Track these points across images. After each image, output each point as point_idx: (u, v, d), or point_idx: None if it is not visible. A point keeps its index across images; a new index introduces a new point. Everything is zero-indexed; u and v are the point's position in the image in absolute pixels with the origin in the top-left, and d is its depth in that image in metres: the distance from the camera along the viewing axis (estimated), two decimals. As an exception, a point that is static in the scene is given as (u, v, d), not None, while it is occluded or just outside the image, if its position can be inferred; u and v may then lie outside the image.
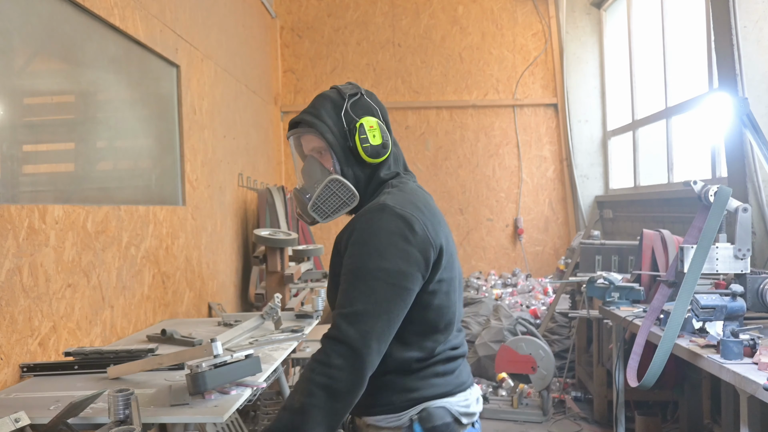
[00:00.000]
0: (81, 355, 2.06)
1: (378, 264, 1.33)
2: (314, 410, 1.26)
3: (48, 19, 2.33)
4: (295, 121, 1.55)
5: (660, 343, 2.21)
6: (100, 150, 2.78)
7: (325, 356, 1.29)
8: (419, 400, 1.41)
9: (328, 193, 1.47)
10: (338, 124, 1.49)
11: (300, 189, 1.55)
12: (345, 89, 1.53)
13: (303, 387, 1.28)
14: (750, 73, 3.08)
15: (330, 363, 1.28)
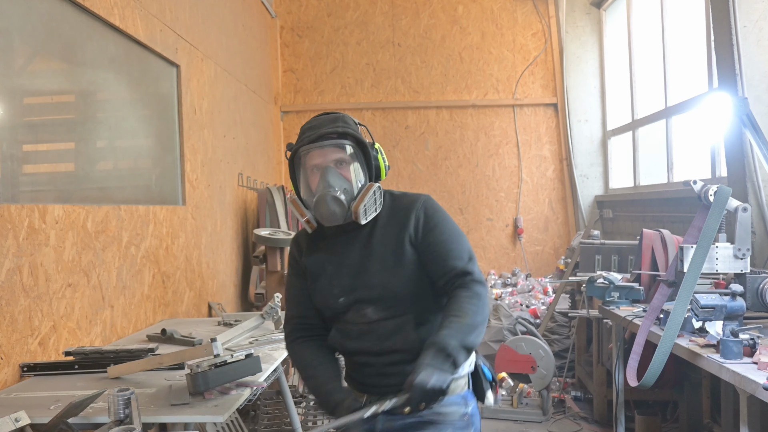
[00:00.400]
0: (81, 354, 2.06)
1: (457, 227, 1.77)
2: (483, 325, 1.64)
3: (48, 18, 2.33)
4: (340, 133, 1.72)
5: (660, 342, 2.21)
6: (100, 150, 2.78)
7: (483, 287, 1.67)
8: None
9: (372, 198, 1.72)
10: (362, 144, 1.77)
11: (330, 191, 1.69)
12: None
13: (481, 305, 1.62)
14: (750, 72, 3.08)
15: (485, 293, 1.67)
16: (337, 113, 1.80)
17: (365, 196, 1.69)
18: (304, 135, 1.75)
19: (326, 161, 1.71)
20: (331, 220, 1.70)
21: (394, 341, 1.70)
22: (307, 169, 1.76)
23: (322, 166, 1.72)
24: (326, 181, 1.69)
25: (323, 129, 1.72)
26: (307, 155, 1.73)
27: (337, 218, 1.69)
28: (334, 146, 1.72)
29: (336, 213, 1.68)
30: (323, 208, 1.68)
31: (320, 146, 1.71)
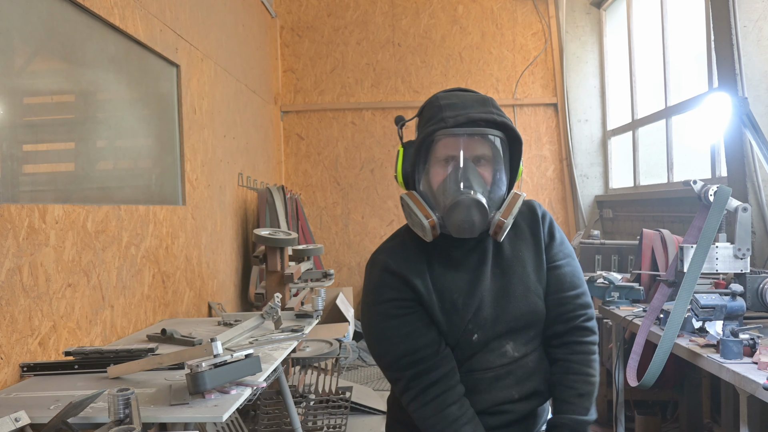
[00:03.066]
0: (81, 354, 2.06)
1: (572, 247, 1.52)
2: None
3: (48, 18, 2.33)
4: (497, 122, 1.35)
5: (660, 342, 2.21)
6: (100, 150, 2.78)
7: (597, 334, 1.46)
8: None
9: (517, 212, 1.37)
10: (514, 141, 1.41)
11: (471, 194, 1.31)
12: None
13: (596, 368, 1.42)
14: (750, 72, 3.08)
15: (598, 337, 1.47)
16: (484, 95, 1.40)
17: (512, 208, 1.35)
18: (445, 114, 1.35)
19: (468, 154, 1.34)
20: (465, 231, 1.32)
21: (536, 382, 1.39)
22: (435, 157, 1.37)
23: (458, 159, 1.34)
24: (466, 179, 1.32)
25: (473, 112, 1.34)
26: (442, 140, 1.35)
27: (473, 229, 1.32)
28: (484, 137, 1.35)
29: (475, 224, 1.31)
30: (460, 215, 1.30)
31: (468, 133, 1.33)
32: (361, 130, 6.29)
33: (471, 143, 1.35)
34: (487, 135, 1.35)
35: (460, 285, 1.38)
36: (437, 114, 1.36)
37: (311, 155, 6.33)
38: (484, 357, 1.37)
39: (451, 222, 1.32)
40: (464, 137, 1.34)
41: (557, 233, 1.48)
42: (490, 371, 1.37)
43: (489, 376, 1.37)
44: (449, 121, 1.33)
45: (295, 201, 5.29)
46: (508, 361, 1.37)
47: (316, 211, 6.29)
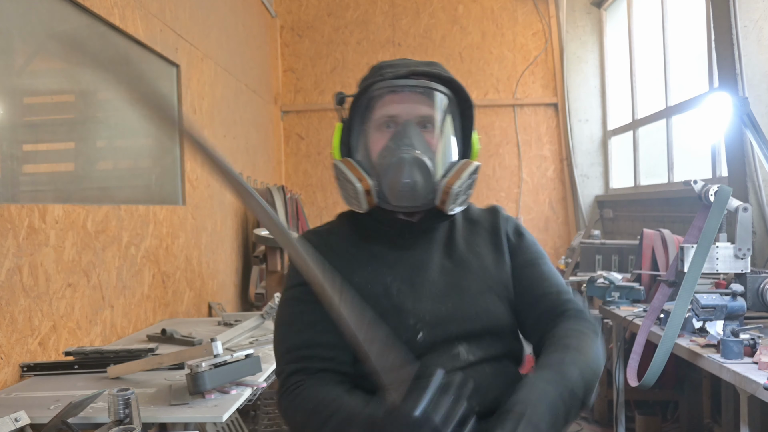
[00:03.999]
0: (81, 354, 2.06)
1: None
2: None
3: (48, 18, 2.33)
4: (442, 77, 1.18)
5: (660, 342, 2.21)
6: (100, 149, 2.78)
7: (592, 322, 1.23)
8: None
9: (468, 181, 1.17)
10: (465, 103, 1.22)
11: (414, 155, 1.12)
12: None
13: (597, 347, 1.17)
14: (750, 72, 3.08)
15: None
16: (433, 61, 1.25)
17: (462, 173, 1.16)
18: (383, 70, 1.21)
19: (409, 113, 1.17)
20: (404, 194, 1.12)
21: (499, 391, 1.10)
22: (374, 121, 1.20)
23: (400, 120, 1.17)
24: (407, 139, 1.14)
25: (413, 66, 1.19)
26: (380, 100, 1.19)
27: (416, 193, 1.12)
28: (427, 93, 1.17)
29: (416, 186, 1.12)
30: (398, 175, 1.11)
31: (406, 88, 1.16)
32: (361, 130, 6.29)
33: (414, 101, 1.17)
34: (431, 89, 1.16)
35: (400, 274, 1.17)
36: (375, 72, 1.22)
37: (311, 155, 6.33)
38: (434, 359, 1.11)
39: (387, 184, 1.13)
40: (406, 92, 1.16)
41: (526, 233, 1.30)
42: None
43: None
44: (387, 74, 1.17)
45: (295, 201, 5.29)
46: (462, 364, 1.12)
47: (316, 211, 6.29)
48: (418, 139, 1.14)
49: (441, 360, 1.12)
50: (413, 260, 1.18)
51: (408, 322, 1.13)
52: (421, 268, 1.18)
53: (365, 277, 1.17)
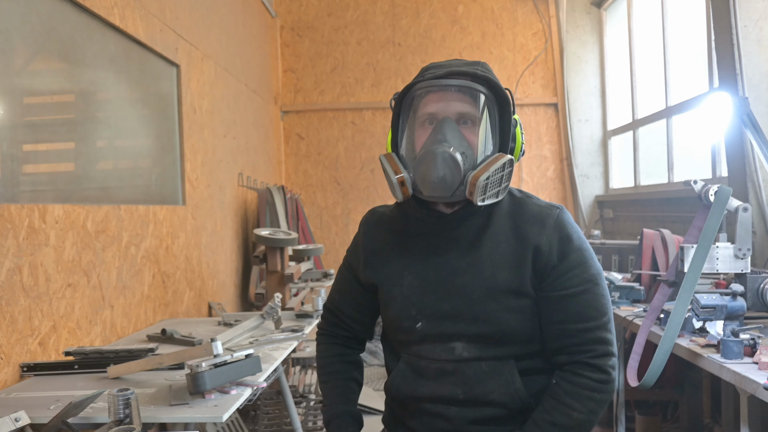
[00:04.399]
0: (81, 354, 2.06)
1: (597, 264, 1.33)
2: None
3: (48, 18, 2.33)
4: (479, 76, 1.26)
5: (660, 342, 2.21)
6: (100, 149, 2.78)
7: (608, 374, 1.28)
8: None
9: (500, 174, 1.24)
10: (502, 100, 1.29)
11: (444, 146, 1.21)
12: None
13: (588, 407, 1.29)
14: (750, 72, 3.08)
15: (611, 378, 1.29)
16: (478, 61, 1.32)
17: (491, 166, 1.22)
18: (427, 71, 1.30)
19: (447, 111, 1.25)
20: (436, 186, 1.21)
21: (490, 388, 1.25)
22: (418, 119, 1.29)
23: (438, 117, 1.25)
24: (442, 134, 1.22)
25: (455, 67, 1.27)
26: (423, 98, 1.28)
27: (445, 186, 1.21)
28: (464, 92, 1.25)
29: (446, 179, 1.20)
30: (428, 169, 1.20)
31: (444, 86, 1.24)
32: (361, 130, 6.29)
33: (450, 98, 1.25)
34: (467, 87, 1.24)
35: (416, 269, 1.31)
36: (421, 73, 1.32)
37: (311, 155, 6.33)
38: (431, 347, 1.29)
39: (420, 175, 1.23)
40: (445, 91, 1.25)
41: (574, 253, 1.26)
42: (435, 362, 1.28)
43: (434, 367, 1.29)
44: (428, 75, 1.28)
45: (295, 201, 5.29)
46: (456, 358, 1.26)
47: (316, 211, 6.29)
48: (454, 134, 1.23)
49: (436, 351, 1.29)
50: (432, 258, 1.30)
51: (410, 312, 1.31)
52: (437, 268, 1.29)
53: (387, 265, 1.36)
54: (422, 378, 1.30)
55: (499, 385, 1.25)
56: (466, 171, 1.23)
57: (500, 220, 1.30)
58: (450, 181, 1.21)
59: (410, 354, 1.32)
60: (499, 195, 1.26)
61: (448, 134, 1.22)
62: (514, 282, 1.25)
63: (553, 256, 1.26)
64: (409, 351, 1.33)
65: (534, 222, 1.28)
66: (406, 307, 1.31)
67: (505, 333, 1.23)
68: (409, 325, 1.30)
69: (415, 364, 1.31)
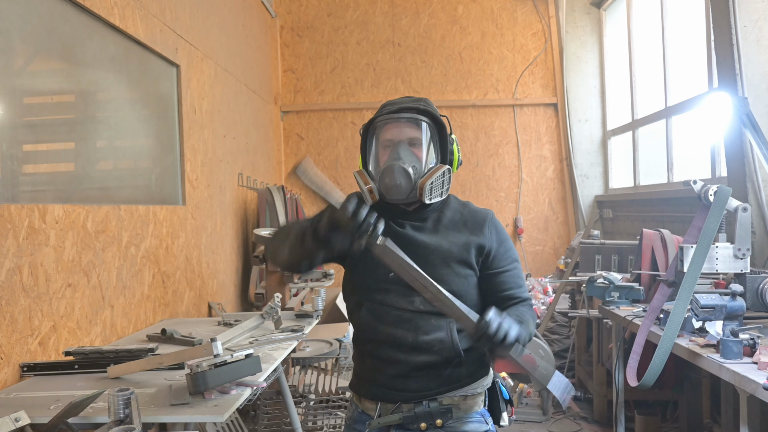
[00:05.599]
0: (81, 354, 2.06)
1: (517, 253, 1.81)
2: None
3: (48, 18, 2.33)
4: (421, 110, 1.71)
5: (660, 342, 2.21)
6: (100, 150, 2.78)
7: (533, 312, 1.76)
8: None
9: (440, 179, 1.69)
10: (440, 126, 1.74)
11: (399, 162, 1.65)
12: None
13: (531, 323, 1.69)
14: (750, 72, 3.08)
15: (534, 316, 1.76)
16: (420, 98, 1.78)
17: (433, 174, 1.66)
18: (384, 108, 1.74)
19: (400, 136, 1.69)
20: (395, 192, 1.64)
21: (433, 338, 1.63)
22: (380, 143, 1.72)
23: (395, 141, 1.69)
24: (397, 154, 1.66)
25: (404, 104, 1.72)
26: (383, 128, 1.71)
27: (401, 191, 1.64)
28: (411, 122, 1.70)
29: (401, 185, 1.63)
30: (389, 179, 1.64)
31: (397, 119, 1.69)
32: (361, 130, 6.29)
33: (402, 127, 1.69)
34: (413, 119, 1.69)
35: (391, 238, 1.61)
36: (379, 110, 1.76)
37: (311, 155, 6.33)
38: (394, 297, 1.65)
39: (382, 186, 1.66)
40: (397, 122, 1.69)
41: (507, 240, 1.74)
42: (394, 310, 1.64)
43: (394, 313, 1.64)
44: (384, 111, 1.72)
45: (295, 201, 5.29)
46: (413, 309, 1.63)
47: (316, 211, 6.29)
48: (406, 153, 1.67)
49: (400, 300, 1.64)
50: (401, 235, 1.69)
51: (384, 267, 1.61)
52: (407, 240, 1.67)
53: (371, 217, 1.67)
54: (380, 322, 1.65)
55: (439, 336, 1.63)
56: (416, 179, 1.66)
57: (451, 215, 1.74)
58: (405, 187, 1.64)
59: (374, 301, 1.67)
60: (443, 195, 1.70)
61: (402, 153, 1.66)
62: (462, 255, 1.68)
63: (494, 243, 1.72)
64: (373, 299, 1.67)
65: (478, 217, 1.75)
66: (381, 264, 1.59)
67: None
68: (382, 276, 1.64)
69: (377, 311, 1.66)
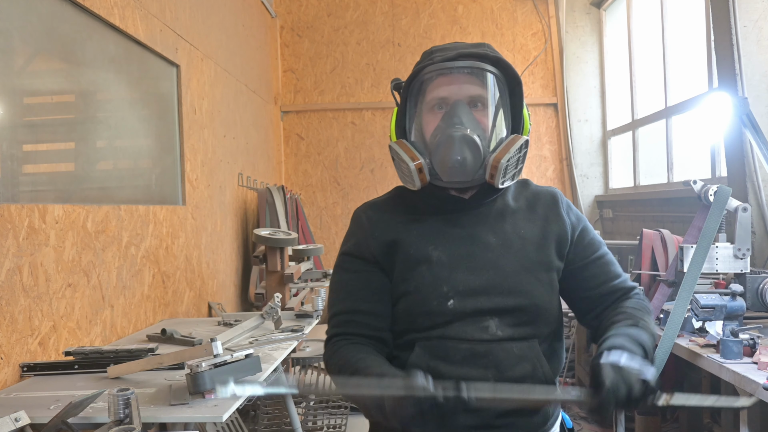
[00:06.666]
0: (81, 354, 2.06)
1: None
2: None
3: (48, 18, 2.33)
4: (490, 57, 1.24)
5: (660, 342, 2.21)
6: (100, 149, 2.78)
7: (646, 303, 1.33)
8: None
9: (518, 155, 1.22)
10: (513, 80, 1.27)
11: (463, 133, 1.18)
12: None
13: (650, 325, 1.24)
14: (750, 72, 3.08)
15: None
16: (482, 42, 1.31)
17: (510, 148, 1.21)
18: (433, 55, 1.30)
19: (459, 94, 1.23)
20: (456, 171, 1.18)
21: (522, 372, 1.18)
22: (426, 103, 1.26)
23: (450, 101, 1.23)
24: (457, 118, 1.19)
25: (463, 49, 1.25)
26: (432, 82, 1.26)
27: (466, 170, 1.19)
28: (475, 73, 1.23)
29: (466, 161, 1.17)
30: (448, 152, 1.17)
31: (455, 69, 1.22)
32: (361, 130, 6.29)
33: (463, 82, 1.23)
34: (478, 69, 1.22)
35: (443, 246, 1.23)
36: (426, 57, 1.30)
37: (311, 155, 6.33)
38: (462, 327, 1.19)
39: (438, 160, 1.19)
40: (455, 74, 1.23)
41: (584, 224, 1.33)
42: (465, 343, 1.18)
43: (463, 347, 1.18)
44: (437, 58, 1.26)
45: (295, 201, 5.29)
46: (489, 338, 1.18)
47: (316, 211, 6.29)
48: (468, 117, 1.20)
49: (469, 329, 1.19)
50: (458, 234, 1.24)
51: (441, 290, 1.20)
52: (464, 242, 1.24)
53: (412, 248, 1.25)
54: (445, 362, 1.18)
55: (528, 369, 1.19)
56: (485, 153, 1.20)
57: (514, 201, 1.31)
58: (471, 164, 1.18)
59: (431, 339, 1.20)
60: (515, 177, 1.25)
61: (464, 117, 1.19)
62: (541, 255, 1.26)
63: (574, 227, 1.31)
64: (430, 336, 1.20)
65: (547, 201, 1.32)
66: (436, 284, 1.20)
67: (538, 306, 1.21)
68: (438, 305, 1.19)
69: (439, 348, 1.19)
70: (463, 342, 1.19)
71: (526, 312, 1.21)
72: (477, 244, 1.24)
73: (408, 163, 1.22)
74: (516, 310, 1.20)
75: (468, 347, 1.18)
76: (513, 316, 1.20)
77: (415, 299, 1.21)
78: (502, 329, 1.19)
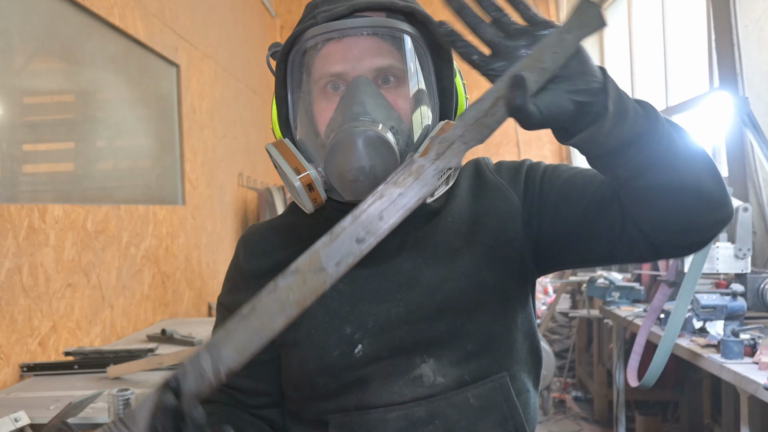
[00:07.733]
0: (81, 354, 2.06)
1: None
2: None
3: (48, 18, 2.33)
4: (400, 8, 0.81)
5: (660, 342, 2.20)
6: (99, 149, 2.78)
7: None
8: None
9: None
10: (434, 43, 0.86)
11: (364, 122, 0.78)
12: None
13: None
14: (750, 72, 3.07)
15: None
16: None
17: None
18: (319, 9, 0.82)
19: (360, 67, 0.80)
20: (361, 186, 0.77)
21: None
22: (315, 83, 0.84)
23: (348, 78, 0.81)
24: (358, 104, 0.78)
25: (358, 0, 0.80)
26: (320, 51, 0.83)
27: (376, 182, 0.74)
28: (381, 34, 0.81)
29: (375, 170, 0.77)
30: (348, 160, 0.77)
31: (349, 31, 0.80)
32: (361, 130, 6.28)
33: (364, 49, 0.80)
34: (386, 28, 0.81)
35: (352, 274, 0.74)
36: (309, 12, 0.83)
37: (311, 155, 6.32)
38: (385, 385, 0.80)
39: (334, 172, 0.78)
40: (351, 37, 0.80)
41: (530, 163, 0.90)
42: (395, 409, 0.79)
43: (394, 417, 0.78)
44: (321, 16, 0.80)
45: (295, 201, 5.29)
46: (427, 392, 0.79)
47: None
48: (375, 102, 0.79)
49: (396, 386, 0.79)
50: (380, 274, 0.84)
51: (343, 332, 0.81)
52: (389, 281, 0.83)
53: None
54: None
55: (496, 424, 0.79)
56: (403, 154, 0.80)
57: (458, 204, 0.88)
58: (382, 174, 0.76)
59: (348, 413, 0.80)
60: (450, 180, 0.85)
61: (368, 102, 0.78)
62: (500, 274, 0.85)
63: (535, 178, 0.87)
64: (344, 407, 0.81)
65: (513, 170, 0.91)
66: (335, 326, 0.82)
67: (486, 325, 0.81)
68: (341, 356, 0.80)
69: (361, 427, 0.79)
70: (392, 409, 0.79)
71: (469, 337, 0.80)
72: (388, 262, 0.83)
73: (291, 178, 0.81)
74: (454, 337, 0.80)
75: (401, 415, 0.79)
76: (453, 349, 0.80)
77: (309, 352, 0.82)
78: (443, 373, 0.79)
